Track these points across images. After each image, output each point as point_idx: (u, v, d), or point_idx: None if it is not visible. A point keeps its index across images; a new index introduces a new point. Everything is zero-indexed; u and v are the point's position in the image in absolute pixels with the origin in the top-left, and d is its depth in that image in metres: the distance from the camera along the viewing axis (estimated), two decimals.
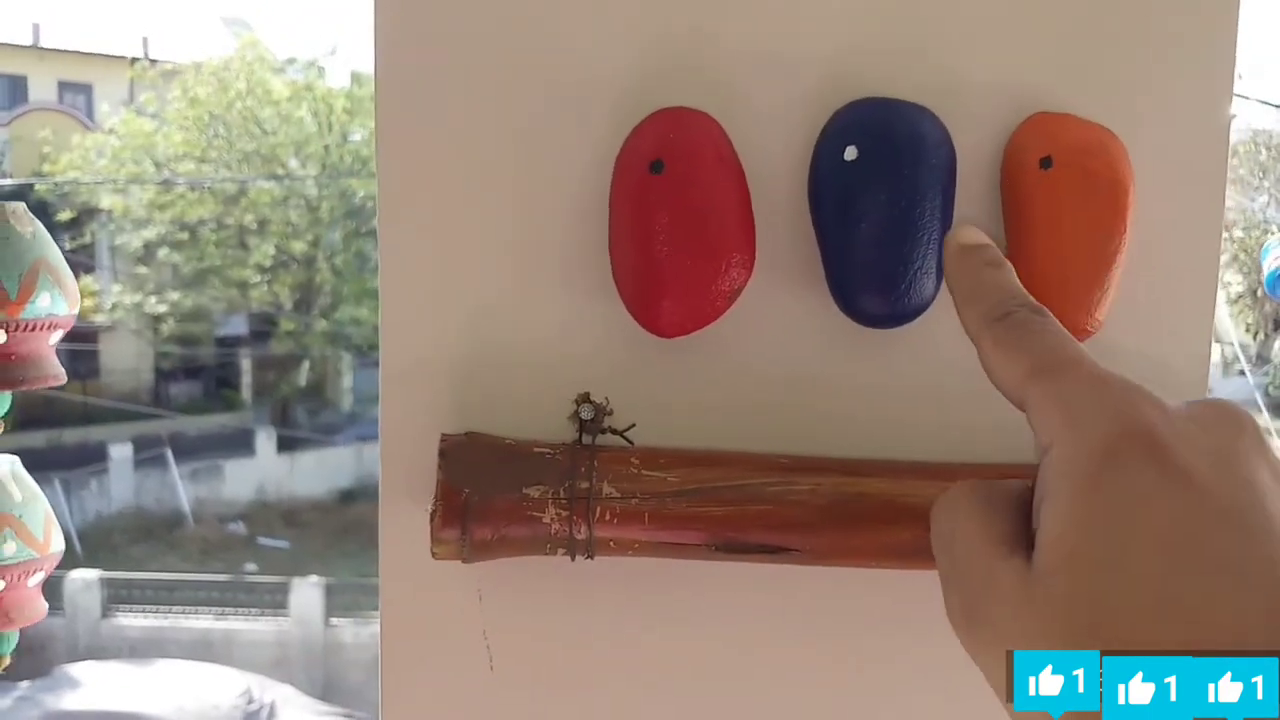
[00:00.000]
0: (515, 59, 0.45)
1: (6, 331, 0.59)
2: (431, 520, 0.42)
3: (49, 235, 0.63)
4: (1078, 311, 0.45)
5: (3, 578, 0.64)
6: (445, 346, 0.47)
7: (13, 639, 0.68)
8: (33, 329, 0.60)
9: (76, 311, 0.63)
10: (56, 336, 0.62)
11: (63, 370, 0.64)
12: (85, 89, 12.42)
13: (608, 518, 0.43)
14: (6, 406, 0.63)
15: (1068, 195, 0.45)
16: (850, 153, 0.44)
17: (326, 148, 10.87)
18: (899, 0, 0.46)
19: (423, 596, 0.48)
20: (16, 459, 0.67)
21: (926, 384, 0.47)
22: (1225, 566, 0.26)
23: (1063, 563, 0.27)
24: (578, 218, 0.46)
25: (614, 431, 0.45)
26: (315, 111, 10.92)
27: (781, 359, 0.46)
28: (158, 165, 10.69)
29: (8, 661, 0.69)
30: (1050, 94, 0.46)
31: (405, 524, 0.47)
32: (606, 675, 0.48)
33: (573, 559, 0.44)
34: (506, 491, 0.43)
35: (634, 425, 0.45)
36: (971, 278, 0.36)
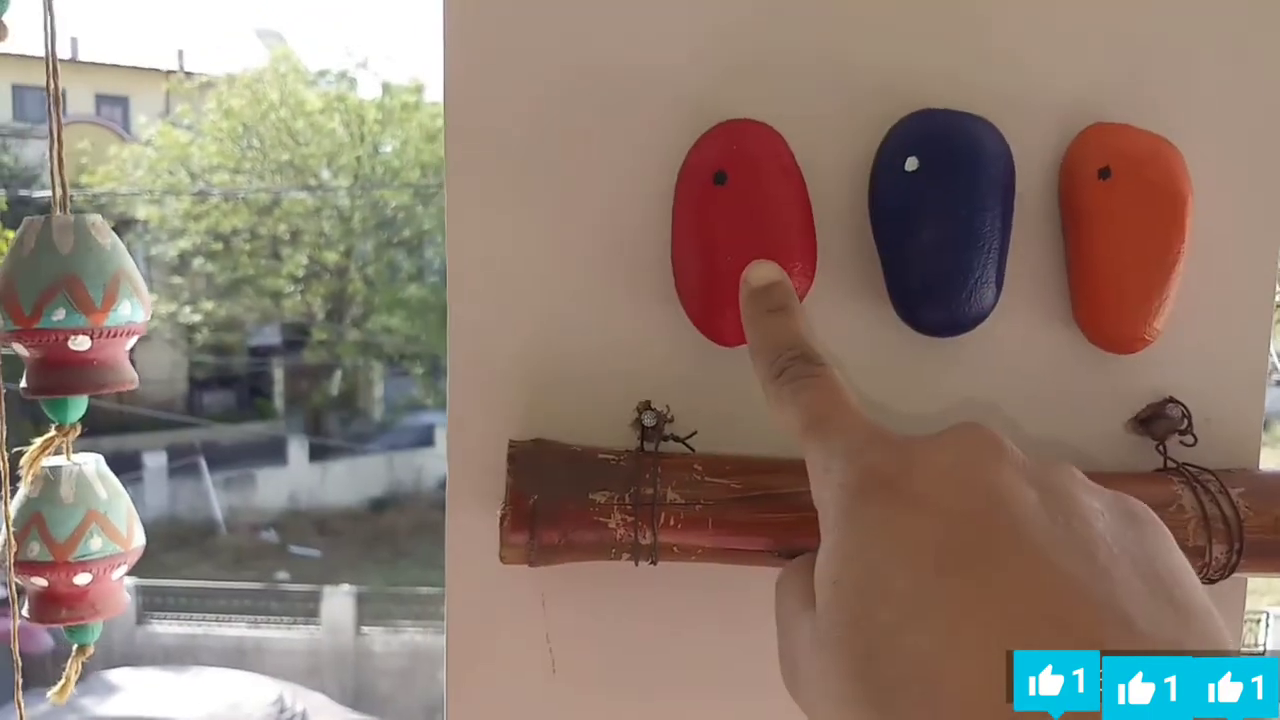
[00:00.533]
0: (579, 72, 0.46)
1: (92, 338, 0.61)
2: (501, 524, 0.43)
3: (124, 246, 0.65)
4: (1136, 320, 0.46)
5: (90, 571, 0.66)
6: (510, 355, 0.48)
7: (97, 629, 0.70)
8: (114, 335, 0.62)
9: (149, 319, 0.65)
10: (132, 343, 0.64)
11: (135, 375, 0.66)
12: (122, 101, 12.60)
13: (671, 523, 0.44)
14: (84, 409, 0.65)
15: (1126, 205, 0.45)
16: (911, 163, 0.44)
17: (358, 159, 10.96)
18: (957, 13, 0.46)
19: (487, 599, 0.48)
20: (100, 458, 0.70)
21: (986, 392, 0.47)
22: (972, 570, 0.27)
23: (830, 599, 0.29)
24: (641, 229, 0.47)
25: (676, 438, 0.46)
26: (347, 123, 11.02)
27: (842, 367, 0.47)
28: (193, 176, 10.82)
29: (91, 651, 0.71)
30: (1108, 104, 0.46)
31: (471, 528, 0.48)
32: (669, 681, 0.49)
33: (636, 564, 0.44)
34: (573, 497, 0.44)
35: (695, 433, 0.46)
36: (754, 327, 0.39)
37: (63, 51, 0.69)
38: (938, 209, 0.44)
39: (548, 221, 0.47)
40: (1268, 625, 6.84)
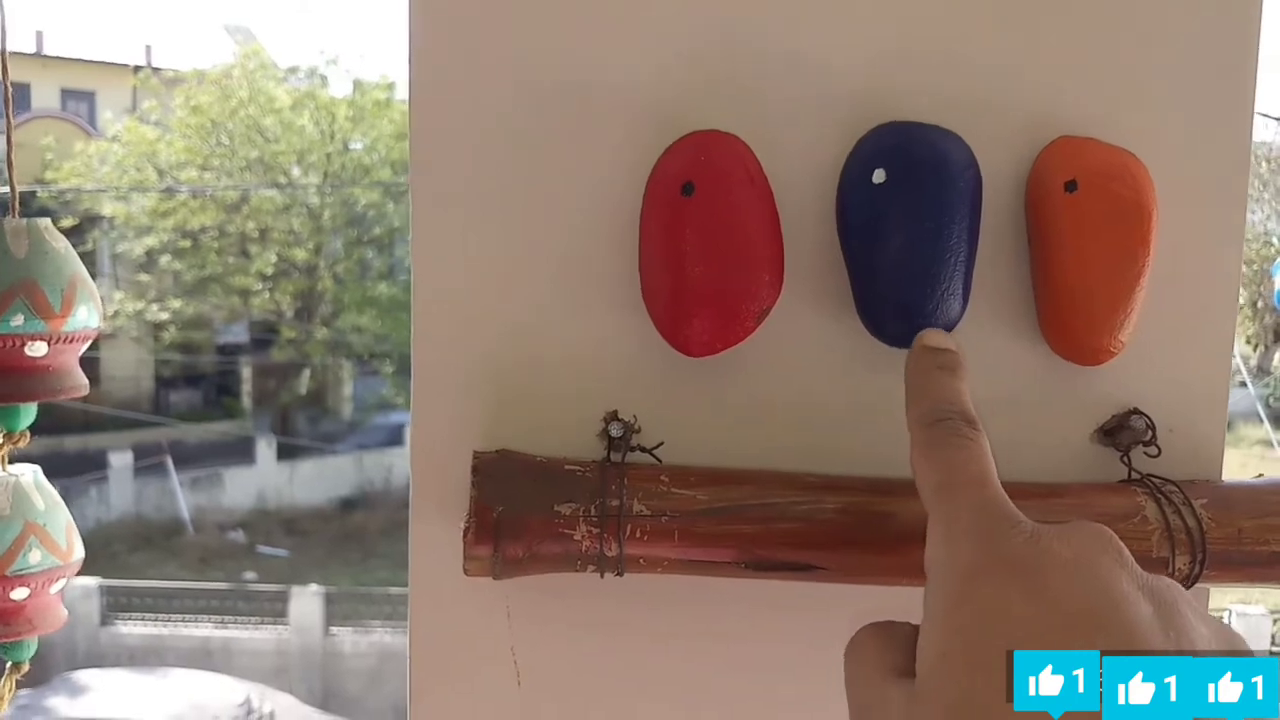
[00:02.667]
0: (547, 81, 0.46)
1: (49, 344, 0.60)
2: (465, 536, 0.43)
3: (74, 250, 0.64)
4: (1101, 333, 0.46)
5: (28, 585, 0.64)
6: (476, 364, 0.47)
7: (32, 646, 0.69)
8: (71, 341, 0.61)
9: (103, 325, 0.64)
10: (85, 348, 0.63)
11: (86, 382, 0.65)
12: (88, 96, 12.45)
13: (638, 535, 0.43)
14: (33, 417, 0.63)
15: (1092, 218, 0.45)
16: (878, 175, 0.44)
17: (328, 156, 10.90)
18: (925, 26, 0.46)
19: (451, 611, 0.48)
20: (39, 468, 0.68)
21: None
22: None
23: (935, 671, 0.30)
24: (608, 238, 0.46)
25: (643, 449, 0.46)
26: (317, 120, 10.94)
27: (809, 379, 0.47)
28: (160, 173, 10.72)
29: (26, 668, 0.69)
30: (1074, 117, 0.47)
31: (434, 540, 0.47)
32: (634, 692, 0.49)
33: (602, 576, 0.44)
34: (538, 509, 0.43)
35: (662, 443, 0.46)
36: (923, 377, 0.40)
37: (28, 45, 0.68)
38: (905, 221, 0.44)
39: (514, 230, 0.47)
40: (1229, 622, 6.93)
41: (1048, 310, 0.47)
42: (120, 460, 9.70)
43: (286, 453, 10.69)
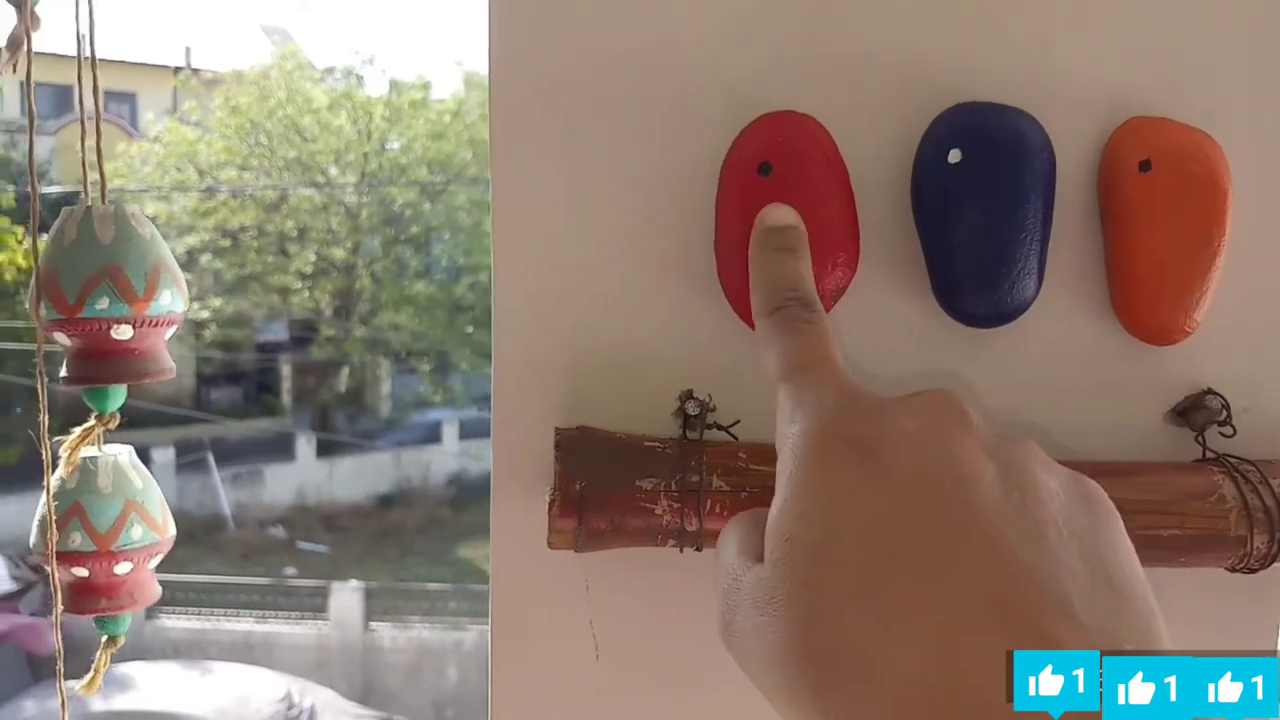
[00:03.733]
0: (625, 65, 0.47)
1: (134, 327, 0.61)
2: (550, 509, 0.44)
3: (161, 237, 0.65)
4: (1176, 312, 0.46)
5: (130, 560, 0.66)
6: (554, 344, 0.48)
7: (127, 621, 0.71)
8: (155, 325, 0.62)
9: (187, 309, 0.66)
10: (171, 332, 0.65)
11: (173, 365, 0.66)
12: (129, 98, 12.61)
13: (717, 510, 0.44)
14: (123, 399, 0.65)
15: (1166, 198, 0.46)
16: (954, 155, 0.45)
17: (365, 155, 10.96)
18: (1000, 6, 0.47)
19: (532, 585, 0.49)
20: (131, 448, 0.70)
21: (1027, 382, 0.48)
22: (920, 546, 0.28)
23: (781, 556, 0.30)
24: (685, 219, 0.47)
25: (719, 427, 0.47)
26: (354, 119, 11.02)
27: (884, 357, 0.48)
28: (200, 173, 10.84)
29: (122, 642, 0.71)
30: (1147, 98, 0.47)
31: (515, 515, 0.48)
32: (711, 667, 0.49)
33: (681, 550, 0.45)
34: (620, 483, 0.44)
35: (738, 421, 0.47)
36: (761, 262, 0.41)
37: (70, 48, 0.70)
38: (980, 201, 0.45)
39: (592, 212, 0.47)
40: None
41: (1122, 290, 0.47)
42: (162, 456, 9.82)
43: (326, 449, 10.78)
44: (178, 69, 12.09)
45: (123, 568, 0.66)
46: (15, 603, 7.32)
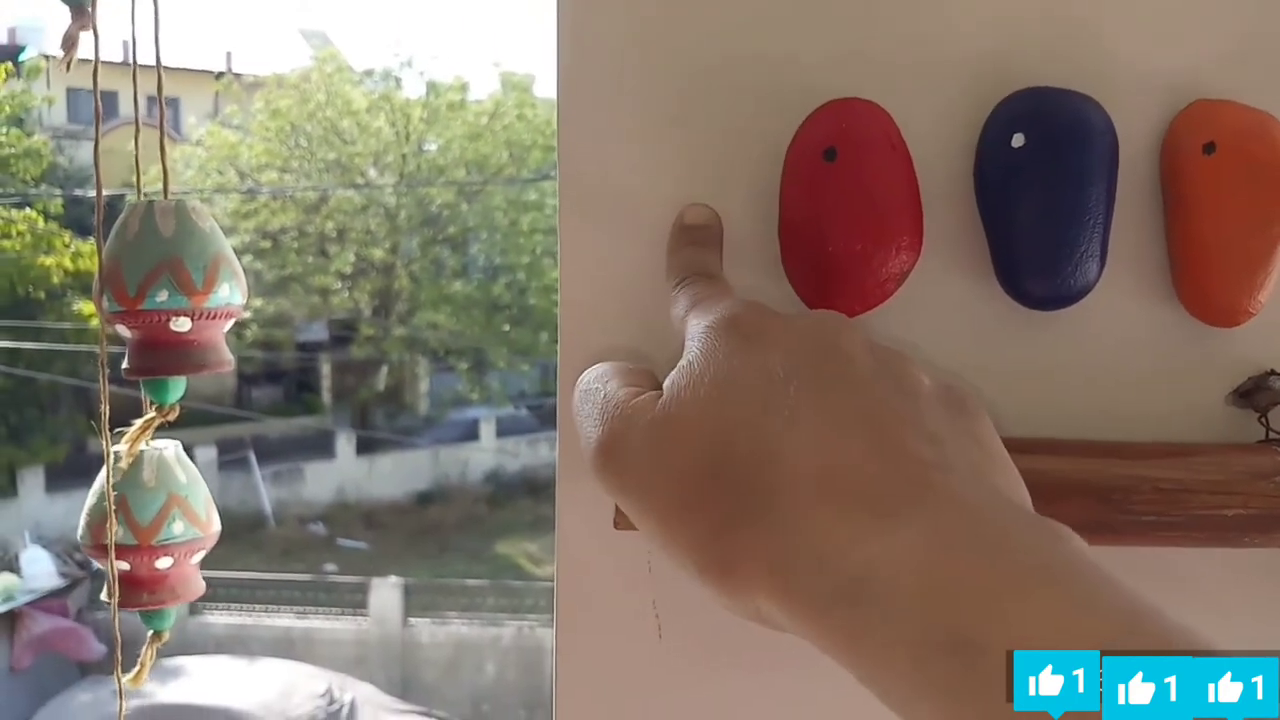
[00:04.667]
0: (691, 53, 0.48)
1: (193, 319, 0.62)
2: None
3: (221, 231, 0.67)
4: (1239, 294, 0.46)
5: (171, 555, 0.67)
6: (619, 330, 0.49)
7: (172, 615, 0.71)
8: (214, 317, 0.63)
9: (245, 302, 0.67)
10: (229, 325, 0.66)
11: (232, 357, 0.67)
12: (173, 102, 12.79)
13: None
14: (182, 390, 0.66)
15: (1230, 180, 0.46)
16: (1017, 140, 0.45)
17: (404, 156, 11.05)
18: None
19: (595, 566, 0.50)
20: (179, 443, 0.71)
21: (1091, 364, 0.48)
22: (811, 382, 0.33)
23: (686, 383, 0.34)
24: (749, 205, 0.48)
25: None
26: (393, 121, 11.10)
27: (948, 340, 0.48)
28: (241, 175, 10.97)
29: (166, 637, 0.72)
30: (1210, 80, 0.47)
31: (580, 496, 0.49)
32: (774, 649, 0.50)
33: None
34: None
35: None
36: (677, 251, 0.46)
37: (116, 54, 0.72)
38: (1043, 184, 0.45)
39: (658, 200, 0.48)
40: None
41: (1184, 272, 0.47)
42: (205, 455, 9.95)
43: (365, 447, 10.88)
44: (219, 74, 12.23)
45: (164, 562, 0.67)
46: (64, 599, 7.44)
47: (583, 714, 0.51)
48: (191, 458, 0.74)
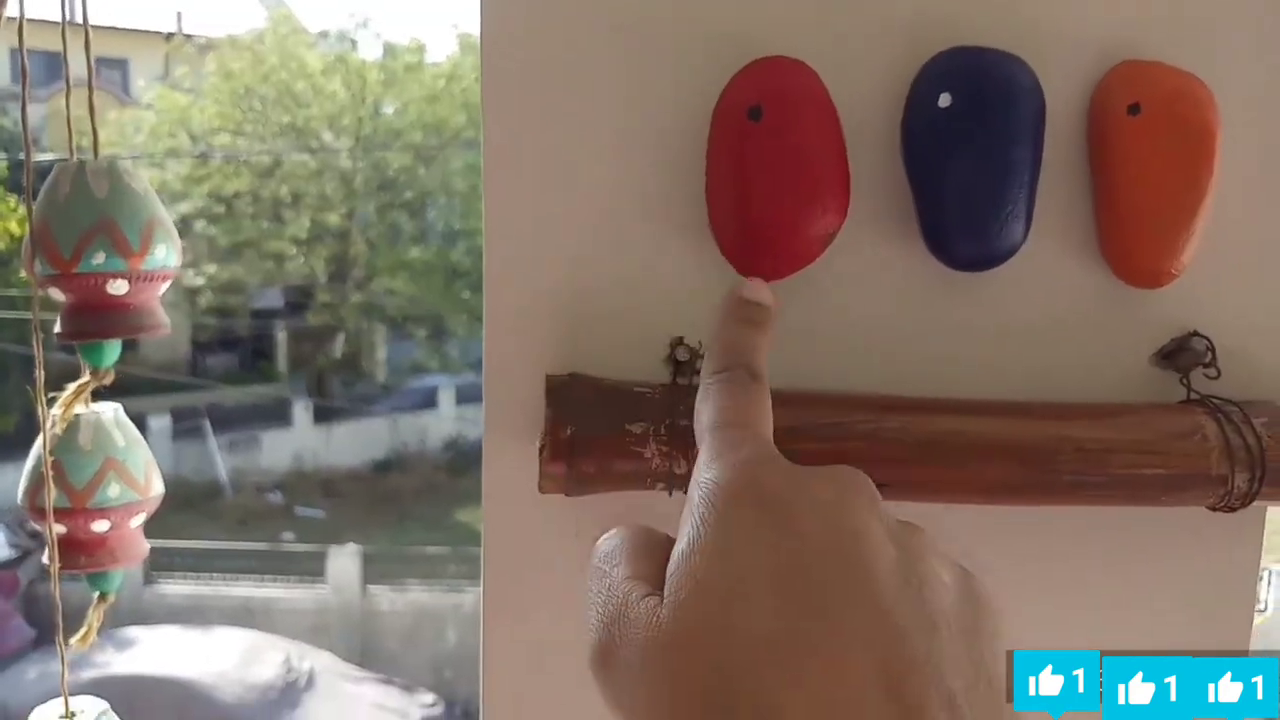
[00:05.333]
0: (616, 12, 0.47)
1: (130, 282, 0.61)
2: (540, 455, 0.44)
3: (154, 192, 0.65)
4: (1162, 255, 0.46)
5: (109, 518, 0.67)
6: (544, 291, 0.48)
7: (118, 578, 0.71)
8: (150, 279, 0.62)
9: (180, 264, 0.66)
10: (165, 287, 0.65)
11: (167, 320, 0.66)
12: (121, 64, 12.49)
13: None
14: (118, 353, 0.65)
15: (1155, 141, 0.46)
16: (944, 99, 0.45)
17: (360, 120, 10.89)
18: None
19: (523, 530, 0.50)
20: (119, 407, 0.70)
21: (1016, 324, 0.48)
22: (827, 610, 0.29)
23: (689, 595, 0.30)
24: (675, 164, 0.47)
25: None
26: (348, 84, 10.93)
27: (874, 302, 0.48)
28: (193, 139, 10.76)
29: (112, 599, 0.72)
30: (1138, 41, 0.47)
31: (507, 461, 0.49)
32: None
33: (670, 494, 0.45)
34: (609, 428, 0.45)
35: None
36: (725, 327, 0.42)
37: (55, 14, 0.70)
38: (970, 144, 0.45)
39: (583, 160, 0.48)
40: (1269, 582, 6.89)
41: (1109, 233, 0.47)
42: (159, 424, 9.83)
43: (322, 415, 10.79)
44: (170, 34, 11.97)
45: (100, 525, 0.66)
46: (15, 570, 7.35)
47: (511, 675, 0.51)
48: (145, 426, 0.73)
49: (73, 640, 0.73)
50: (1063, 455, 0.45)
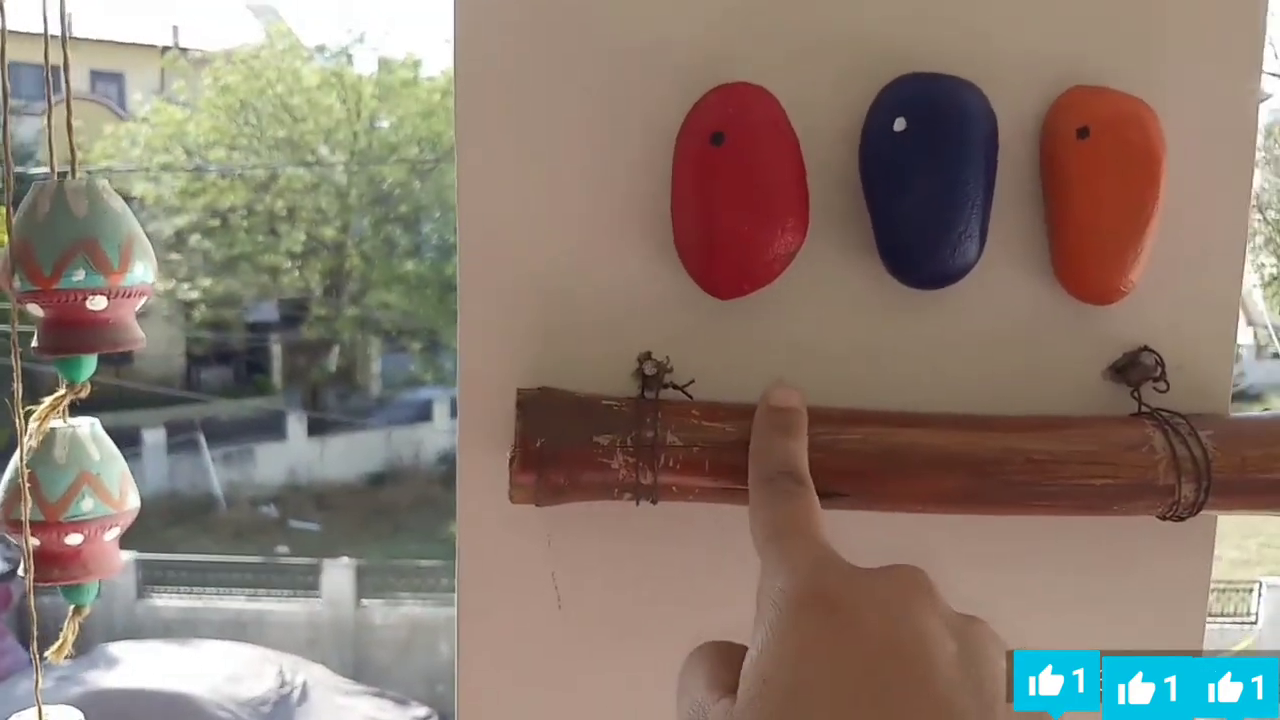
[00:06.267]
0: (585, 37, 0.49)
1: (108, 298, 0.63)
2: (510, 465, 0.46)
3: (130, 210, 0.67)
4: (1113, 273, 0.48)
5: (81, 532, 0.67)
6: (517, 308, 0.50)
7: (93, 590, 0.72)
8: (128, 295, 0.63)
9: (155, 281, 0.67)
10: (141, 304, 0.66)
11: (143, 334, 0.68)
12: (117, 78, 12.52)
13: (672, 464, 0.46)
14: (93, 369, 0.66)
15: (1103, 164, 0.48)
16: (899, 124, 0.47)
17: (355, 134, 10.92)
18: None
19: (496, 538, 0.51)
20: (97, 421, 0.71)
21: (972, 340, 0.50)
22: (890, 706, 0.30)
23: (757, 694, 0.32)
24: (642, 187, 0.49)
25: (675, 386, 0.49)
26: (344, 99, 10.96)
27: (832, 319, 0.49)
28: (189, 153, 10.77)
29: (87, 611, 0.73)
30: (1087, 67, 0.49)
31: (481, 471, 0.50)
32: (667, 615, 0.52)
33: (638, 503, 0.47)
34: (578, 440, 0.46)
35: (693, 381, 0.49)
36: (763, 438, 0.45)
37: (57, 27, 0.71)
38: (925, 167, 0.47)
39: (553, 182, 0.49)
40: (1260, 595, 6.91)
41: (1061, 252, 0.49)
42: (153, 437, 9.81)
43: (317, 428, 10.79)
44: (165, 49, 11.99)
45: (73, 538, 0.67)
46: (8, 584, 7.32)
47: (485, 682, 0.52)
48: (140, 441, 0.74)
49: (48, 653, 0.73)
50: (1015, 466, 0.46)
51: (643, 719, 0.52)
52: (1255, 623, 6.85)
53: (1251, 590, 6.79)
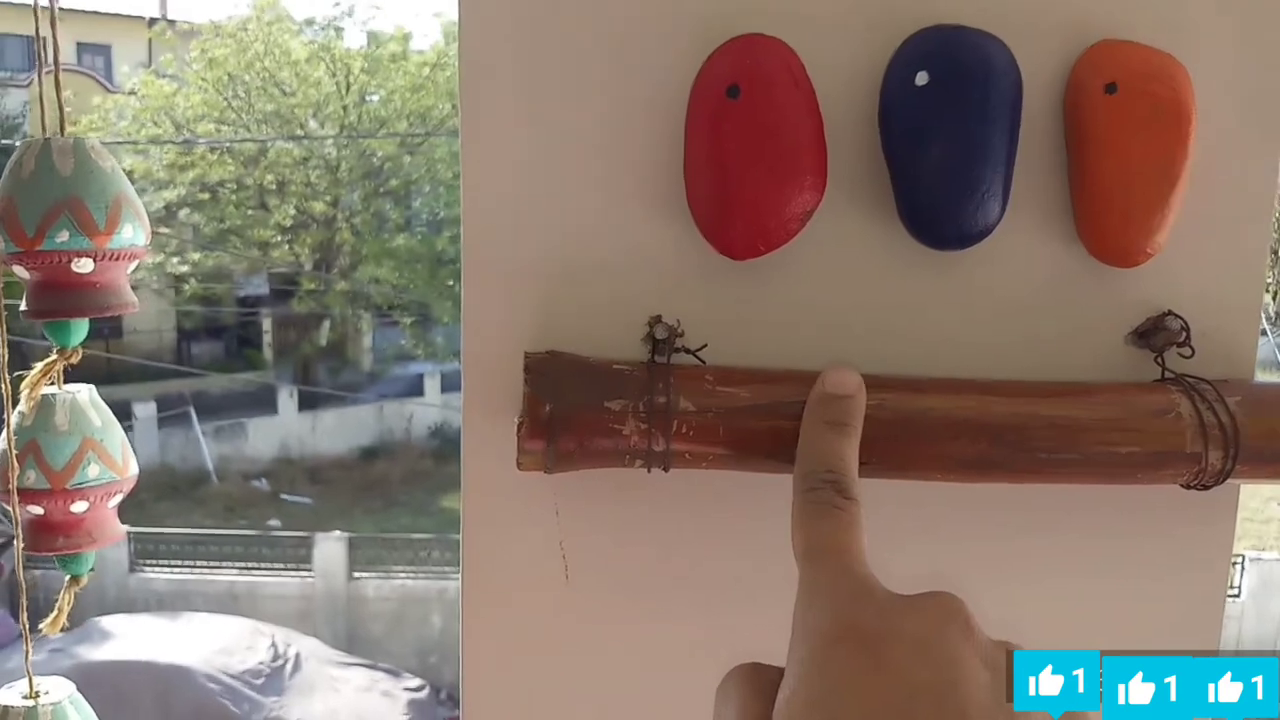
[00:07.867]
0: None
1: (95, 260, 0.61)
2: (518, 432, 0.44)
3: (122, 170, 0.65)
4: (1138, 235, 0.47)
5: (87, 499, 0.66)
6: (523, 268, 0.48)
7: (90, 560, 0.71)
8: (117, 258, 0.62)
9: (149, 243, 0.65)
10: (133, 266, 0.64)
11: (135, 299, 0.66)
12: (104, 50, 12.39)
13: (684, 431, 0.45)
14: (85, 333, 0.65)
15: (1131, 120, 0.46)
16: (921, 78, 0.45)
17: (345, 108, 10.84)
18: None
19: (502, 508, 0.50)
20: (93, 388, 0.70)
21: (992, 303, 0.48)
22: None
23: None
24: (654, 143, 0.47)
25: (687, 350, 0.47)
26: (333, 72, 10.88)
27: (851, 280, 0.48)
28: (177, 126, 10.69)
29: (84, 582, 0.72)
30: (1115, 20, 0.47)
31: (486, 438, 0.49)
32: (679, 586, 0.50)
33: (649, 471, 0.45)
34: (589, 405, 0.45)
35: (706, 345, 0.47)
36: (813, 431, 0.42)
37: None
38: (947, 123, 0.45)
39: (562, 138, 0.47)
40: (1243, 568, 6.97)
41: (1085, 212, 0.47)
42: (144, 411, 9.79)
43: (308, 402, 10.77)
44: (153, 20, 11.88)
45: (79, 506, 0.66)
46: None
47: (490, 654, 0.51)
48: (131, 414, 0.73)
49: (43, 625, 0.72)
50: (1036, 432, 0.45)
51: (651, 691, 0.51)
52: (1239, 595, 6.91)
53: (1236, 563, 6.85)
